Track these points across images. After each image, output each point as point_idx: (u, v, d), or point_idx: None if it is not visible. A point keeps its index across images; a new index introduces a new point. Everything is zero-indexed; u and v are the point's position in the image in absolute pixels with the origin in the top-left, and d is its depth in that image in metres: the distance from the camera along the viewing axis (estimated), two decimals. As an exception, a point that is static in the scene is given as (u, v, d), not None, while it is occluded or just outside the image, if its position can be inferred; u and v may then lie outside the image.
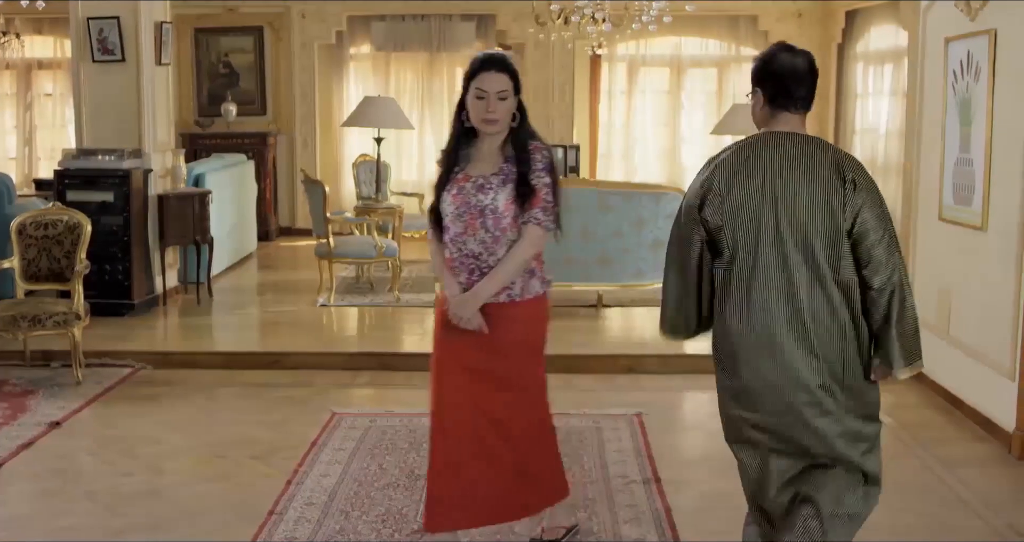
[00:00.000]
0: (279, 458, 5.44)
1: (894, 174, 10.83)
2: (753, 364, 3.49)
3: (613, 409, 6.33)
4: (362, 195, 11.10)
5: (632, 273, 8.30)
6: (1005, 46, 5.67)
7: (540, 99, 13.10)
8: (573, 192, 8.13)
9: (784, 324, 3.43)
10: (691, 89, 13.55)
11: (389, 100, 10.34)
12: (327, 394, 6.69)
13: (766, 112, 3.63)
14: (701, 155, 13.53)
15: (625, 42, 13.04)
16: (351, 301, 9.09)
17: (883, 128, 11.17)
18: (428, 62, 13.11)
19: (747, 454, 3.69)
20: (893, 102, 10.92)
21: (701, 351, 7.61)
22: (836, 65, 12.79)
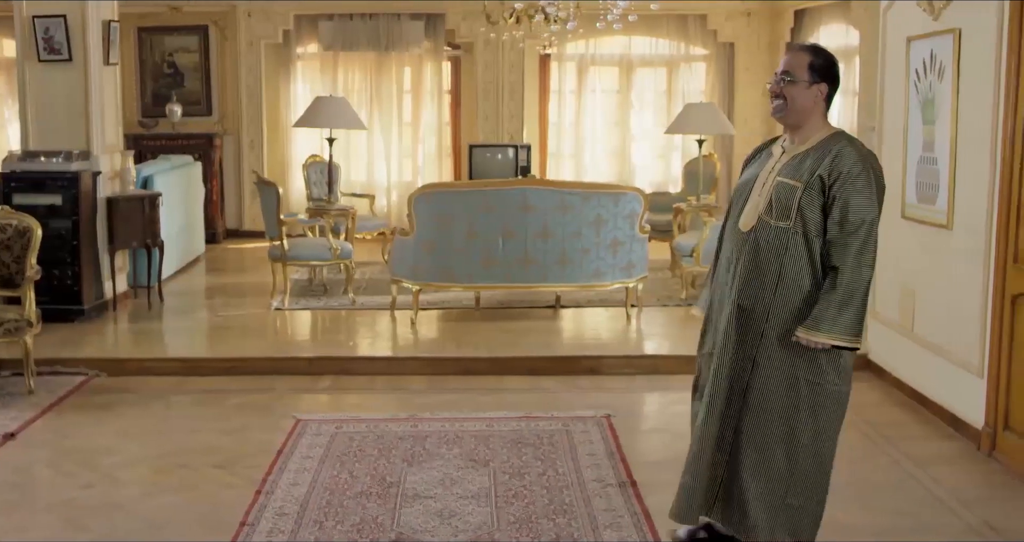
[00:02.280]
0: (243, 467, 5.31)
1: (845, 172, 10.87)
2: None
3: (580, 411, 6.26)
4: (313, 196, 10.95)
5: (591, 273, 8.23)
6: (969, 45, 5.69)
7: (490, 99, 13.04)
8: (531, 192, 8.08)
9: None
10: (641, 88, 13.54)
11: (341, 100, 10.19)
12: (288, 400, 6.56)
13: (822, 108, 3.93)
14: (651, 154, 13.58)
15: (575, 42, 13.01)
16: (305, 304, 8.94)
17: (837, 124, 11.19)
18: (377, 61, 12.96)
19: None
20: (843, 101, 10.98)
21: (661, 351, 7.62)
22: (785, 64, 12.82)
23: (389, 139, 13.13)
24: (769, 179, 3.88)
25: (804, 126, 3.91)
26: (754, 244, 3.85)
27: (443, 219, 8.07)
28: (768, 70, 13.13)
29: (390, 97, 13.11)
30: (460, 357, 7.28)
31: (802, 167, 3.81)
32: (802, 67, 3.85)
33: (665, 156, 13.61)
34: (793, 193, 3.76)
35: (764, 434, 3.88)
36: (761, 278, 3.83)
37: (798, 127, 3.92)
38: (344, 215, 9.96)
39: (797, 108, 3.87)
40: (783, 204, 3.78)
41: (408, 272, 8.26)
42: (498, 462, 5.37)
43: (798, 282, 3.79)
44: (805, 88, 3.84)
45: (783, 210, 3.78)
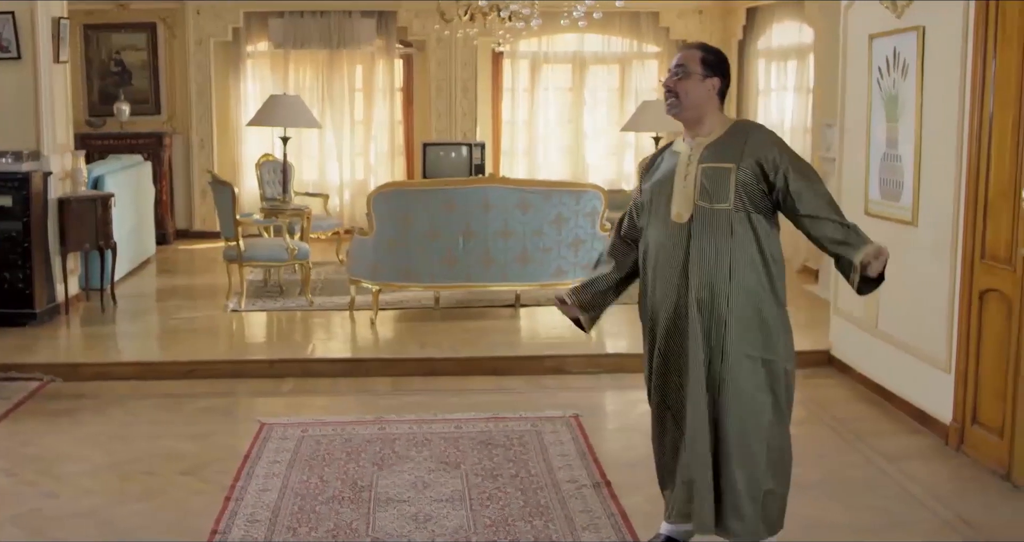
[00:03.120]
0: (211, 473, 5.21)
1: (799, 169, 10.93)
2: None
3: (548, 411, 6.22)
4: (266, 196, 10.81)
5: (552, 272, 8.20)
6: (934, 43, 5.72)
7: (443, 97, 12.97)
8: (491, 191, 8.03)
9: None
10: (594, 86, 13.55)
11: (295, 98, 10.07)
12: (251, 403, 6.46)
13: (717, 102, 3.98)
14: (605, 152, 13.58)
15: (528, 39, 12.97)
16: (262, 305, 8.82)
17: (788, 124, 11.28)
18: (328, 59, 12.83)
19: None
20: (797, 98, 11.04)
21: (625, 349, 7.59)
22: (737, 62, 12.90)
23: (341, 138, 13.01)
24: (691, 170, 3.87)
25: (703, 120, 3.94)
26: (699, 233, 3.83)
27: (403, 218, 7.99)
28: (720, 67, 13.17)
29: (342, 95, 12.99)
30: (424, 358, 7.21)
31: (725, 151, 3.84)
32: (695, 61, 3.91)
33: (618, 153, 13.62)
34: (727, 174, 3.80)
35: (742, 421, 3.86)
36: (715, 266, 3.81)
37: (697, 121, 3.94)
38: (299, 215, 9.84)
39: (692, 102, 3.90)
40: (718, 186, 3.80)
41: (367, 272, 8.17)
42: (469, 464, 5.31)
43: (752, 261, 3.81)
44: (699, 81, 3.89)
45: (720, 192, 3.80)
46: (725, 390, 3.86)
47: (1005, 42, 5.05)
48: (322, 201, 11.55)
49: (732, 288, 3.80)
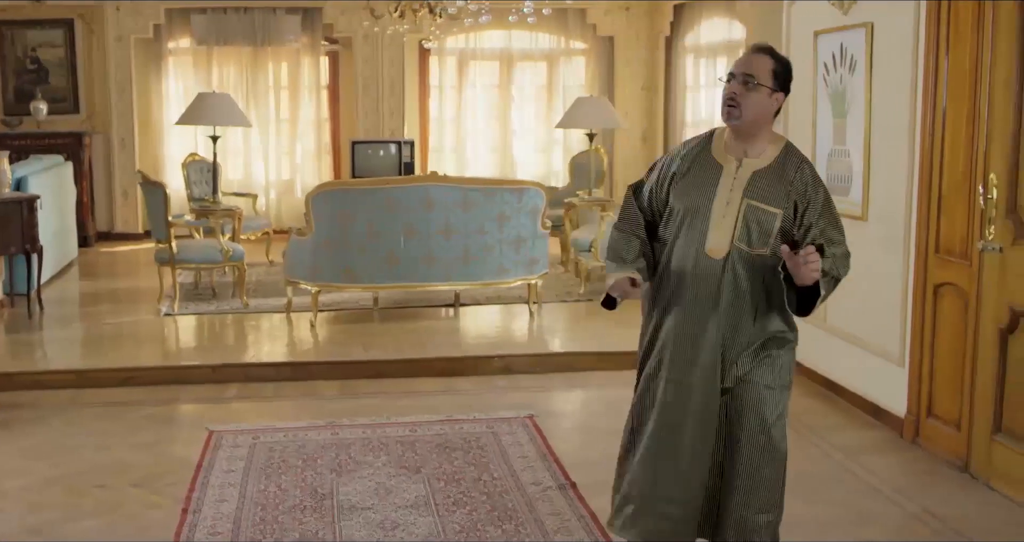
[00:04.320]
0: (163, 484, 5.03)
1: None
2: None
3: (503, 412, 6.15)
4: (194, 196, 10.58)
5: (495, 271, 8.12)
6: (883, 39, 5.77)
7: (370, 94, 12.82)
8: (433, 189, 7.92)
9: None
10: (521, 82, 13.51)
11: (225, 97, 9.84)
12: (197, 410, 6.28)
13: (772, 120, 3.63)
14: (533, 148, 13.55)
15: (455, 36, 12.88)
16: (196, 309, 8.60)
17: (717, 120, 11.32)
18: (252, 56, 12.60)
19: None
20: (727, 94, 11.09)
21: (572, 348, 7.55)
22: (665, 58, 12.96)
23: (266, 136, 12.78)
24: (733, 202, 3.56)
25: (757, 137, 3.60)
26: (732, 274, 3.57)
27: (343, 218, 7.85)
28: (647, 65, 13.27)
29: (266, 93, 12.78)
30: (370, 360, 7.08)
31: (773, 189, 3.56)
32: (766, 72, 3.52)
33: (547, 150, 13.61)
34: (772, 221, 3.54)
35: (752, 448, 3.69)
36: (742, 307, 3.60)
37: (750, 137, 3.60)
38: (230, 215, 9.64)
39: (753, 117, 3.54)
40: (763, 230, 3.55)
41: (306, 273, 8.01)
42: (430, 468, 5.22)
43: (780, 306, 3.60)
44: (767, 96, 3.52)
45: (762, 238, 3.55)
46: (741, 420, 3.67)
47: (958, 40, 5.10)
48: (251, 201, 11.33)
49: (756, 330, 3.61)
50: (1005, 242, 4.78)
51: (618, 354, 7.26)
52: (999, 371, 4.85)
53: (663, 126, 13.14)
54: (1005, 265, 4.79)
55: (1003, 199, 4.78)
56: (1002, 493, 4.83)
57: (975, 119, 4.97)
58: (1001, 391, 4.85)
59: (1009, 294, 4.77)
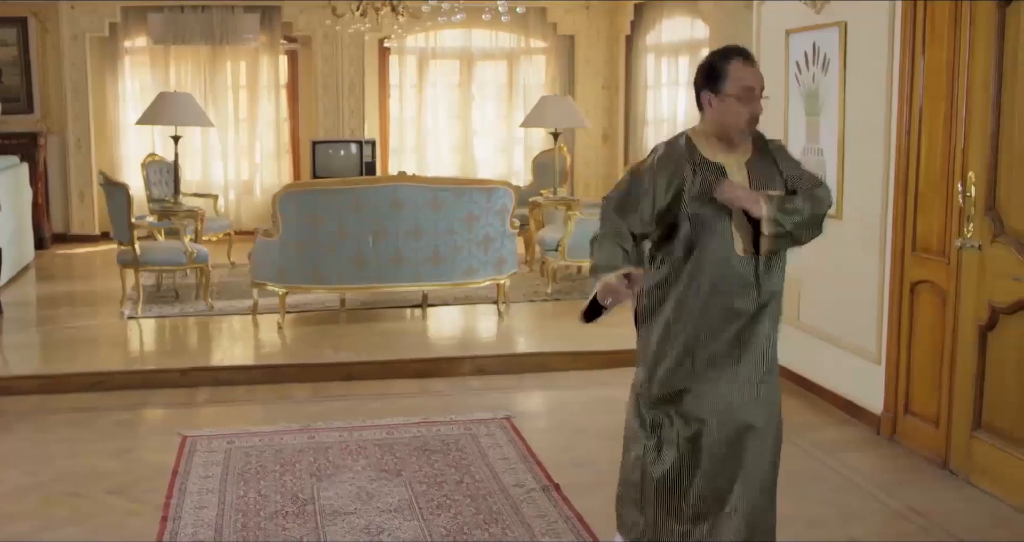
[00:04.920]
0: (140, 491, 4.94)
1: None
2: None
3: (479, 413, 6.11)
4: (154, 197, 10.43)
5: (463, 271, 8.07)
6: (857, 38, 5.79)
7: (330, 93, 12.73)
8: (402, 189, 7.86)
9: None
10: (482, 82, 13.47)
11: (186, 96, 9.72)
12: (167, 415, 6.19)
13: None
14: (494, 147, 13.51)
15: (415, 35, 12.81)
16: (160, 312, 8.46)
17: (680, 118, 11.38)
18: (210, 55, 12.45)
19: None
20: (690, 93, 11.10)
21: (544, 348, 7.51)
22: (625, 57, 12.98)
23: (225, 136, 12.64)
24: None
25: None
26: (765, 268, 3.65)
27: (311, 219, 7.77)
28: (607, 63, 13.28)
29: (225, 92, 12.64)
30: (342, 362, 7.00)
31: (770, 173, 3.66)
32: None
33: (508, 149, 13.58)
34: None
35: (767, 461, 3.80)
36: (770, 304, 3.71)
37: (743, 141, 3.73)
38: (192, 216, 9.51)
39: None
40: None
41: (273, 275, 7.92)
42: (410, 471, 5.17)
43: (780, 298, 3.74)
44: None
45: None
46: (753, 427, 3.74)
47: (935, 40, 5.13)
48: (211, 202, 11.19)
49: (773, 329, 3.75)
50: (984, 240, 4.81)
51: (590, 354, 7.27)
52: (978, 368, 4.89)
53: (623, 125, 13.17)
54: (984, 262, 4.83)
55: (982, 197, 4.81)
56: (983, 489, 4.86)
57: (952, 118, 5.01)
58: (981, 388, 4.89)
59: (988, 291, 4.81)
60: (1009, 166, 4.67)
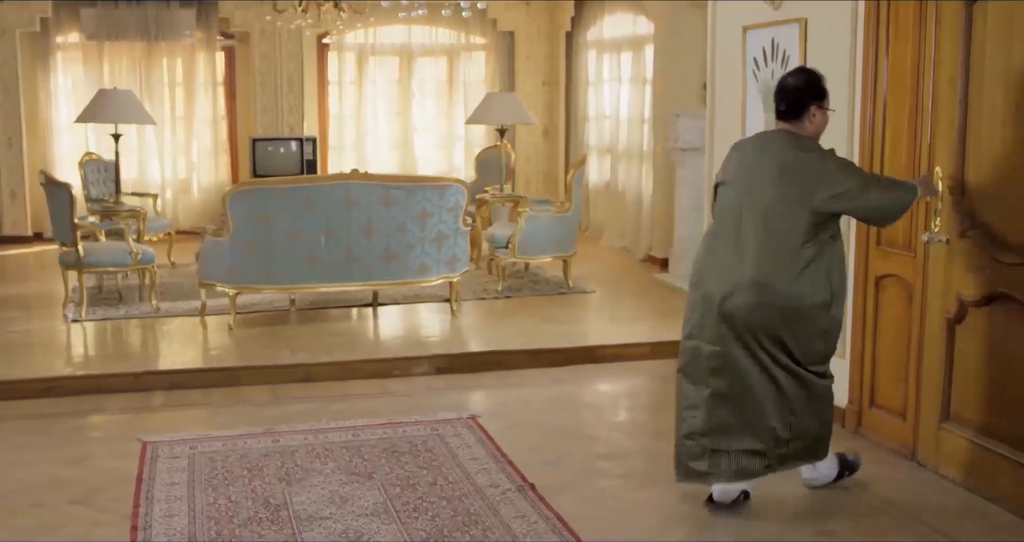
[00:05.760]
0: (105, 500, 4.80)
1: (638, 159, 11.09)
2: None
3: (444, 413, 6.05)
4: (92, 197, 10.19)
5: (416, 269, 8.00)
6: (817, 34, 5.83)
7: (268, 90, 12.56)
8: (354, 187, 7.77)
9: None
10: (422, 78, 13.39)
11: (127, 93, 9.51)
12: (124, 421, 6.03)
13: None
14: (435, 144, 13.43)
15: (354, 31, 12.68)
16: (105, 314, 8.26)
17: (624, 114, 11.40)
18: (145, 52, 12.21)
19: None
20: (633, 89, 11.17)
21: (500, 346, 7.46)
22: (565, 53, 12.98)
23: (161, 134, 12.41)
24: None
25: None
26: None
27: (261, 218, 7.64)
28: (548, 60, 13.28)
29: (160, 89, 12.42)
30: (299, 364, 6.89)
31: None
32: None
33: (448, 146, 13.51)
34: None
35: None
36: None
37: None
38: (134, 216, 9.31)
39: None
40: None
41: (223, 275, 7.78)
42: (382, 474, 5.09)
43: None
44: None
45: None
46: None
47: (899, 36, 5.17)
48: (151, 201, 10.97)
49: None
50: (952, 234, 4.86)
51: (548, 351, 7.26)
52: (947, 360, 4.94)
53: (564, 121, 13.17)
54: (952, 256, 4.88)
55: (949, 192, 4.86)
56: (952, 480, 4.91)
57: (918, 114, 5.06)
58: (949, 380, 4.94)
59: (956, 285, 4.86)
60: (977, 161, 4.73)
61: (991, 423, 4.71)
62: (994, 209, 4.65)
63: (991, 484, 4.70)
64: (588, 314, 8.67)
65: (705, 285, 4.56)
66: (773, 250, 4.36)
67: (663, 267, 10.13)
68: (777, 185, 4.37)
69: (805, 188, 4.33)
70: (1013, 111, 4.51)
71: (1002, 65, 4.56)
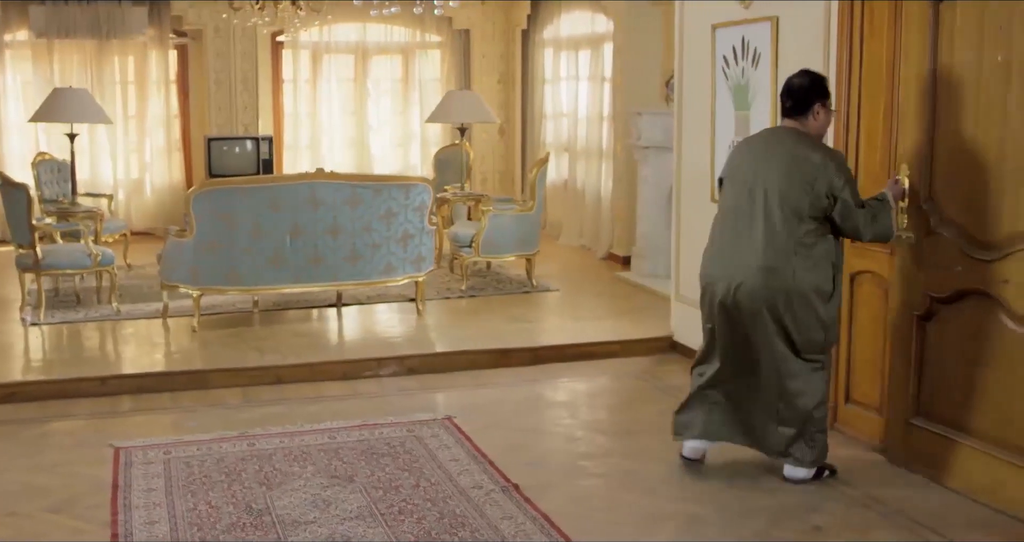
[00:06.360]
0: (82, 508, 4.71)
1: (596, 157, 11.10)
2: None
3: (419, 414, 6.02)
4: (45, 198, 10.00)
5: (382, 269, 7.95)
6: (789, 33, 5.87)
7: (222, 89, 12.42)
8: (320, 187, 7.70)
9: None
10: (377, 76, 13.31)
11: (82, 92, 9.35)
12: (93, 426, 5.92)
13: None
14: (390, 143, 13.37)
15: (308, 29, 12.57)
16: (64, 317, 8.11)
17: (582, 112, 11.40)
18: (97, 50, 12.01)
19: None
20: (592, 87, 11.17)
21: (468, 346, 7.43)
22: (521, 51, 12.97)
23: (114, 134, 12.21)
24: None
25: None
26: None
27: (226, 218, 7.54)
28: (503, 58, 13.26)
29: (112, 88, 12.23)
30: (269, 366, 6.81)
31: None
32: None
33: (404, 145, 13.45)
34: None
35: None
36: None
37: None
38: (92, 217, 9.16)
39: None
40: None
41: (186, 276, 7.67)
42: (362, 477, 5.05)
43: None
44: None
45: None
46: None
47: (874, 36, 5.22)
48: (105, 202, 10.80)
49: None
50: (920, 231, 4.87)
51: (519, 351, 7.24)
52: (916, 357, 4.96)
53: (520, 119, 13.15)
54: (920, 254, 4.88)
55: (916, 189, 4.86)
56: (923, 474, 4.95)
57: (892, 112, 5.10)
58: (919, 377, 4.96)
59: (925, 283, 4.88)
60: (946, 160, 4.75)
61: (961, 418, 4.75)
62: (963, 207, 4.69)
63: (962, 479, 4.73)
64: (553, 313, 8.67)
65: (713, 275, 4.88)
66: (781, 239, 4.61)
67: (625, 265, 10.15)
68: (785, 176, 4.61)
69: (808, 181, 4.57)
70: (984, 110, 4.54)
71: (973, 63, 4.58)
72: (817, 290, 4.65)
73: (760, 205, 4.68)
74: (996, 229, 4.53)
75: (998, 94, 4.46)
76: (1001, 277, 4.50)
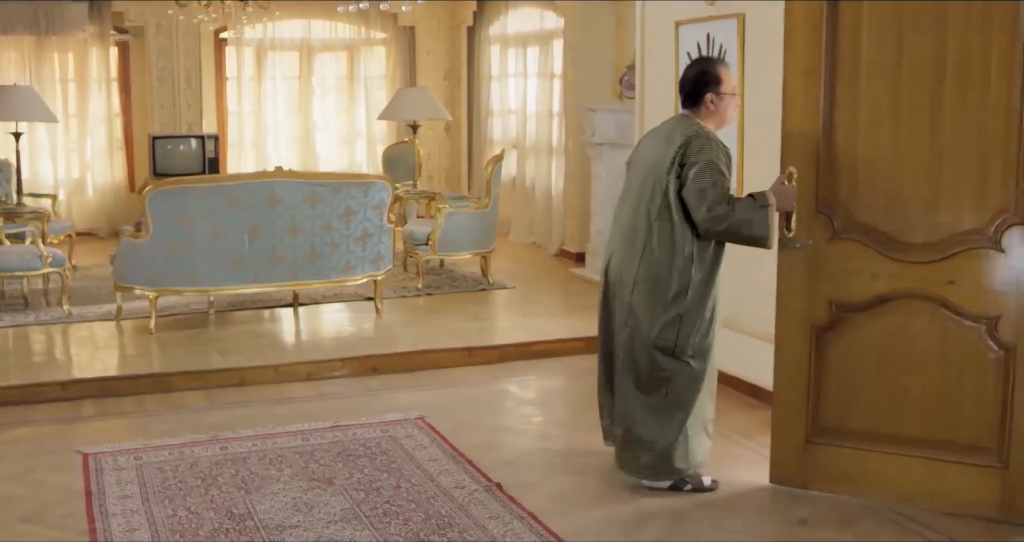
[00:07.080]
0: (56, 517, 4.60)
1: (546, 153, 11.11)
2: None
3: (390, 414, 5.98)
4: (-12, 199, 9.79)
5: (341, 268, 7.88)
6: (756, 30, 5.91)
7: (165, 87, 12.22)
8: (278, 185, 7.61)
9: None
10: (322, 74, 13.19)
11: (27, 89, 9.15)
12: (57, 432, 5.79)
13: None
14: (336, 141, 13.27)
15: (252, 26, 12.41)
16: (13, 320, 7.92)
17: (531, 109, 11.40)
18: (36, 47, 11.75)
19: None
20: (541, 84, 11.17)
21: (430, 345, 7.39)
22: (467, 48, 12.93)
23: (54, 132, 11.96)
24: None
25: None
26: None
27: (183, 218, 7.42)
28: (449, 54, 13.21)
29: (52, 86, 11.97)
30: (233, 368, 6.72)
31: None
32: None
33: (350, 142, 13.34)
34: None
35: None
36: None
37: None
38: (39, 218, 8.97)
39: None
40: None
41: (142, 278, 7.54)
42: (342, 479, 5.00)
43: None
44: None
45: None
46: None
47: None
48: (50, 202, 10.57)
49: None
50: (818, 238, 4.68)
51: (484, 349, 7.23)
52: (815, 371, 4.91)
53: (466, 116, 13.12)
54: (819, 262, 4.72)
55: (811, 194, 4.67)
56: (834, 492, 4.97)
57: (859, 108, 5.13)
58: (818, 392, 4.84)
59: (831, 291, 4.69)
60: (855, 161, 4.60)
61: (883, 425, 4.61)
62: (880, 211, 4.54)
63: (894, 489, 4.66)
64: (512, 310, 8.66)
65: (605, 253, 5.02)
66: (641, 217, 4.66)
67: (579, 261, 10.16)
68: (653, 155, 4.68)
69: (670, 159, 4.57)
70: (904, 107, 4.46)
71: (887, 60, 4.50)
72: (660, 278, 4.64)
73: (632, 189, 4.80)
74: (930, 231, 4.43)
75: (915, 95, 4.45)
76: (945, 278, 4.42)
